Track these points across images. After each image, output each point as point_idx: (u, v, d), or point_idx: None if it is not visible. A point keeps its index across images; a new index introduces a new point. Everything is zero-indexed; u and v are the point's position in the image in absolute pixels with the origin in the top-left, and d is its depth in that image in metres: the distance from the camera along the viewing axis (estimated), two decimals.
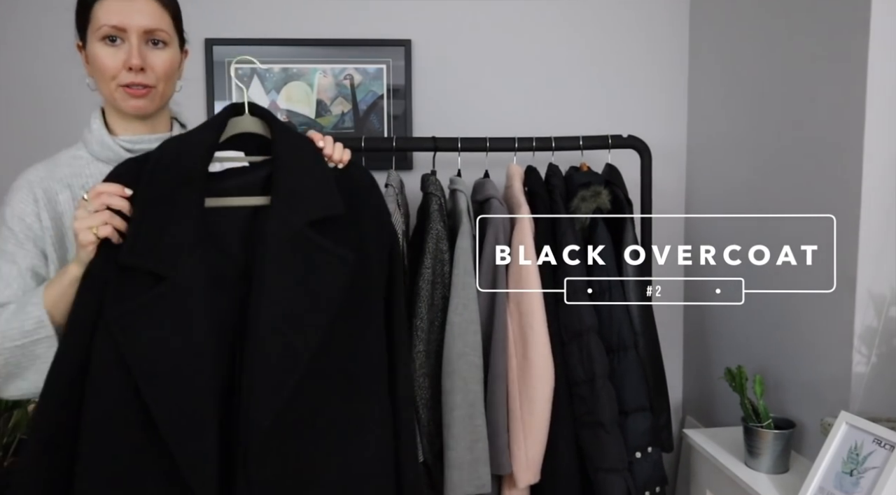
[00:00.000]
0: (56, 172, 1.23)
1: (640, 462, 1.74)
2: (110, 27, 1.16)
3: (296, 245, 1.07)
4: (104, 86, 1.20)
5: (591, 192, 1.79)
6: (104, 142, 1.23)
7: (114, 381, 1.01)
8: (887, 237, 1.49)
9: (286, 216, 1.08)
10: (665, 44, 2.29)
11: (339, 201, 1.12)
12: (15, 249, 1.18)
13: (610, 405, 1.70)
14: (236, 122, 1.17)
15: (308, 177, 1.13)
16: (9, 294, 1.17)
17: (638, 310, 1.81)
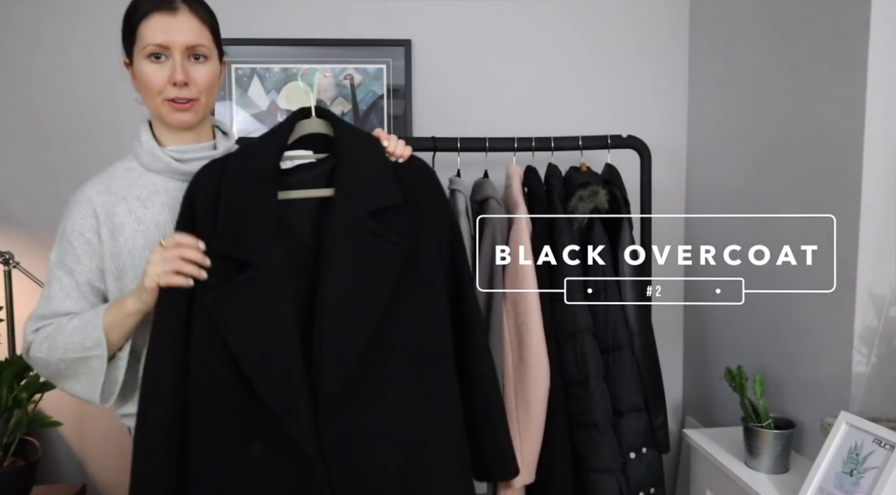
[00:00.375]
0: (112, 186, 1.29)
1: (635, 462, 1.74)
2: (155, 45, 1.23)
3: (356, 233, 1.20)
4: (151, 100, 1.27)
5: (589, 192, 1.79)
6: (154, 154, 1.29)
7: (214, 354, 1.15)
8: (887, 237, 1.49)
9: (348, 207, 1.21)
10: (665, 44, 2.29)
11: (396, 191, 1.24)
12: (73, 264, 1.26)
13: (603, 405, 1.71)
14: (304, 124, 1.30)
15: (368, 170, 1.25)
16: (69, 304, 1.26)
17: (634, 310, 1.80)
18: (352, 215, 1.20)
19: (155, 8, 1.23)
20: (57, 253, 1.28)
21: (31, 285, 2.04)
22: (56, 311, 1.26)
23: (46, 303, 1.27)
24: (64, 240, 1.27)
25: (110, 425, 2.22)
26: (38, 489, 1.98)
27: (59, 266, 1.27)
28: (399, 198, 1.24)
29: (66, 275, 1.26)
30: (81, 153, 2.16)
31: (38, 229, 2.17)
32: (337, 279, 1.17)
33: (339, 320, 1.16)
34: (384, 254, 1.20)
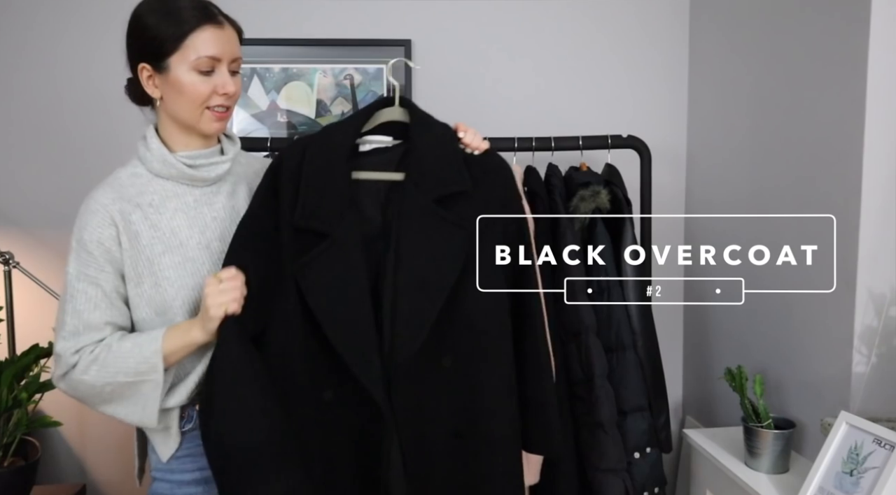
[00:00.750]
0: (123, 193, 1.28)
1: (639, 462, 1.74)
2: (209, 58, 1.24)
3: (424, 218, 1.29)
4: (190, 109, 1.27)
5: (591, 192, 1.79)
6: (167, 161, 1.29)
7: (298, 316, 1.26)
8: (887, 237, 1.49)
9: (416, 192, 1.30)
10: (665, 44, 2.29)
11: (465, 178, 1.32)
12: (97, 274, 1.25)
13: (608, 405, 1.70)
14: (384, 112, 1.39)
15: (438, 158, 1.33)
16: (99, 315, 1.24)
17: (637, 310, 1.80)
18: (420, 201, 1.29)
19: (206, 21, 1.24)
20: (76, 264, 1.25)
21: (31, 285, 2.04)
22: (89, 324, 1.23)
23: (75, 317, 1.23)
24: (83, 251, 1.25)
25: (110, 425, 2.22)
26: (38, 489, 1.98)
27: (82, 278, 1.24)
28: (467, 185, 1.32)
29: (92, 287, 1.24)
30: (82, 153, 2.17)
31: (38, 229, 2.17)
32: (408, 263, 1.27)
33: (411, 301, 1.26)
34: (451, 240, 1.29)
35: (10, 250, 2.03)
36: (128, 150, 1.36)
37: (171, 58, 1.24)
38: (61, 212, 2.17)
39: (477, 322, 1.32)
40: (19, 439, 1.92)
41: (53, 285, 2.05)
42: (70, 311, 1.24)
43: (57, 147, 2.17)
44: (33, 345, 1.93)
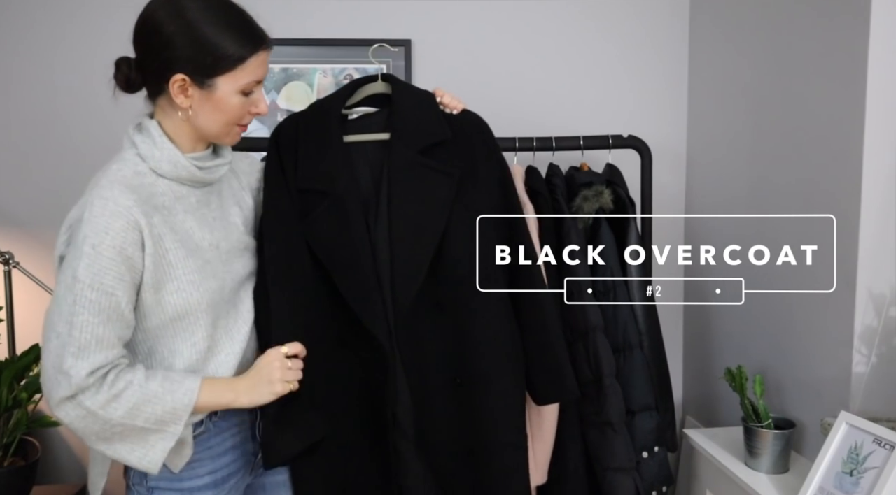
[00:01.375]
0: (139, 194, 1.19)
1: (647, 461, 1.74)
2: (256, 82, 1.24)
3: (411, 169, 1.41)
4: (222, 125, 1.25)
5: (594, 192, 1.79)
6: (178, 163, 1.23)
7: (309, 266, 1.39)
8: (887, 237, 1.49)
9: (401, 147, 1.42)
10: (665, 44, 2.29)
11: (445, 129, 1.45)
12: (114, 283, 1.14)
13: (617, 404, 1.70)
14: (369, 86, 1.53)
15: (419, 115, 1.47)
16: (111, 330, 1.14)
17: (642, 309, 1.81)
18: (405, 154, 1.41)
19: (264, 45, 1.24)
20: (88, 272, 1.12)
21: (31, 285, 2.04)
22: (101, 340, 1.12)
23: (85, 331, 1.12)
24: (100, 258, 1.13)
25: None
26: (38, 489, 1.98)
27: (96, 287, 1.12)
28: (448, 135, 1.44)
29: (105, 297, 1.13)
30: (81, 153, 2.16)
31: (38, 229, 2.17)
32: (400, 211, 1.39)
33: (406, 247, 1.39)
34: (437, 185, 1.40)
35: (10, 250, 2.03)
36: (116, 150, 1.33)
37: (222, 77, 1.20)
38: (61, 213, 2.16)
39: (472, 263, 1.41)
40: (19, 439, 1.92)
41: (53, 285, 2.04)
42: (79, 324, 1.11)
43: (57, 147, 2.17)
44: (33, 345, 1.93)
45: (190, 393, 1.17)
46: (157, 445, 1.17)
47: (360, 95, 1.53)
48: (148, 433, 1.16)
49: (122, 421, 1.13)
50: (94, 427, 1.13)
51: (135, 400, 1.14)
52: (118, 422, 1.13)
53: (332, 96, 1.53)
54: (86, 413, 1.11)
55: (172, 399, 1.16)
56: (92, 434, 1.15)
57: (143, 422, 1.15)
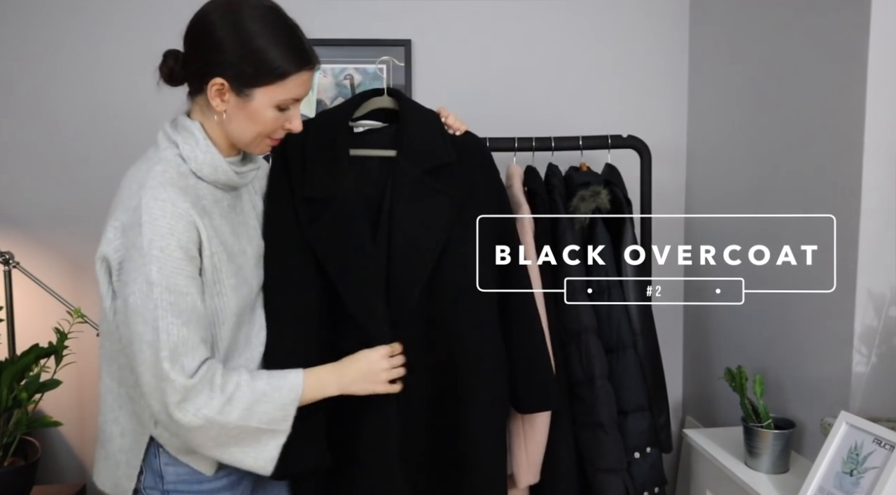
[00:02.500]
0: (188, 196, 1.19)
1: (639, 462, 1.74)
2: (294, 100, 1.24)
3: (415, 188, 1.44)
4: (253, 135, 1.24)
5: (591, 192, 1.79)
6: (218, 167, 1.24)
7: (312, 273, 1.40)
8: (887, 237, 1.49)
9: (407, 166, 1.45)
10: (665, 44, 2.29)
11: (450, 152, 1.48)
12: (188, 282, 1.15)
13: (609, 405, 1.70)
14: (375, 100, 1.56)
15: (426, 136, 1.49)
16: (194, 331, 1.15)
17: (637, 309, 1.80)
18: (411, 173, 1.44)
19: (310, 64, 1.23)
20: (160, 274, 1.12)
21: (31, 285, 2.04)
22: (187, 341, 1.13)
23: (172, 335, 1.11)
24: (169, 258, 1.13)
25: None
26: (38, 489, 1.98)
27: (171, 289, 1.12)
28: (453, 157, 1.47)
29: (181, 298, 1.14)
30: (82, 154, 2.17)
31: (38, 229, 2.17)
32: (401, 227, 1.42)
33: (403, 265, 1.41)
34: (439, 206, 1.43)
35: (10, 250, 2.03)
36: (128, 151, 1.35)
37: (262, 88, 1.20)
38: (61, 213, 2.18)
39: (466, 282, 1.45)
40: (19, 439, 1.92)
41: (53, 285, 2.05)
42: (165, 328, 1.11)
43: (57, 147, 2.17)
44: (33, 345, 1.93)
45: (296, 389, 1.22)
46: (269, 444, 1.20)
47: (366, 109, 1.56)
48: (261, 433, 1.19)
49: (238, 424, 1.15)
50: (211, 433, 1.15)
51: (247, 401, 1.16)
52: (234, 426, 1.15)
53: (339, 108, 1.56)
54: (203, 421, 1.13)
55: (280, 396, 1.20)
56: (209, 440, 1.16)
57: (257, 423, 1.17)
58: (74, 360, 1.98)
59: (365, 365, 1.31)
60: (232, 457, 1.19)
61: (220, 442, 1.17)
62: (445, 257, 1.43)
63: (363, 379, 1.31)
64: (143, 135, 2.12)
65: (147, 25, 2.13)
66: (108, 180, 2.07)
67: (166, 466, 1.25)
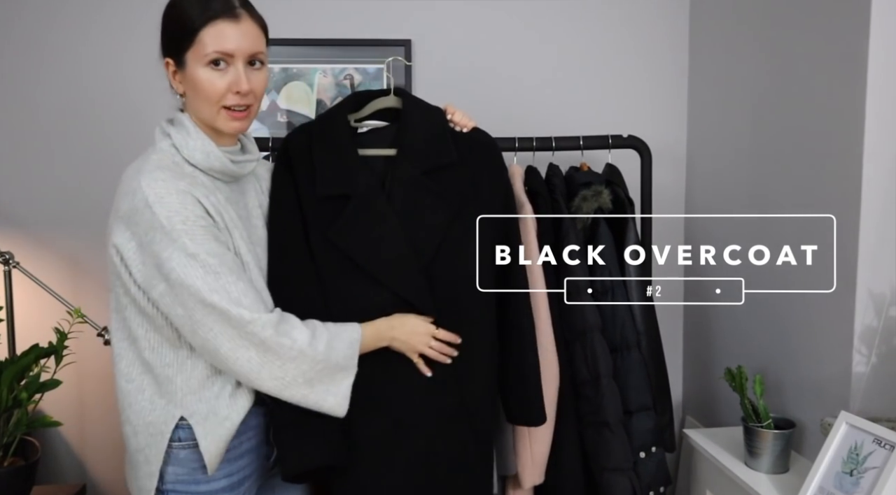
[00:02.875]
0: (185, 179, 1.21)
1: (645, 461, 1.74)
2: (220, 53, 1.20)
3: (411, 189, 1.41)
4: (206, 107, 1.23)
5: (593, 192, 1.79)
6: (210, 153, 1.25)
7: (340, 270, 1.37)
8: (887, 237, 1.49)
9: (406, 166, 1.42)
10: (665, 44, 2.29)
11: (452, 152, 1.45)
12: (218, 244, 1.19)
13: (614, 404, 1.70)
14: (380, 100, 1.53)
15: (427, 134, 1.46)
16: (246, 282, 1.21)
17: (640, 309, 1.80)
18: (409, 173, 1.41)
19: (219, 14, 1.20)
20: (194, 243, 1.15)
21: (31, 285, 2.04)
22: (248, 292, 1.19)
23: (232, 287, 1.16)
24: (195, 227, 1.16)
25: (110, 425, 2.22)
26: (38, 489, 1.98)
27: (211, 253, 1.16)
28: (454, 158, 1.44)
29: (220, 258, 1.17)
30: (82, 153, 2.17)
31: (38, 229, 2.17)
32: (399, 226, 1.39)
33: (400, 260, 1.38)
34: (434, 209, 1.41)
35: (10, 250, 2.03)
36: (127, 151, 1.35)
37: (188, 53, 1.21)
38: (61, 213, 2.18)
39: (465, 284, 1.43)
40: (19, 439, 1.92)
41: (53, 285, 2.05)
42: (223, 286, 1.15)
43: (57, 147, 2.17)
44: (33, 345, 1.93)
45: (357, 329, 1.29)
46: (343, 382, 1.27)
47: (371, 109, 1.54)
48: (338, 370, 1.25)
49: (322, 358, 1.22)
50: (303, 366, 1.21)
51: (326, 337, 1.24)
52: (321, 359, 1.22)
53: (339, 107, 1.53)
54: (298, 351, 1.20)
55: (347, 335, 1.28)
56: (300, 375, 1.22)
57: (335, 358, 1.23)
58: (74, 360, 1.97)
59: (413, 325, 1.35)
60: (317, 396, 1.25)
61: (308, 377, 1.23)
62: (441, 259, 1.41)
63: (409, 336, 1.34)
64: (144, 136, 2.13)
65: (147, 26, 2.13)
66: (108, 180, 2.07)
67: (165, 466, 1.25)
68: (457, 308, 1.42)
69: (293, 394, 1.23)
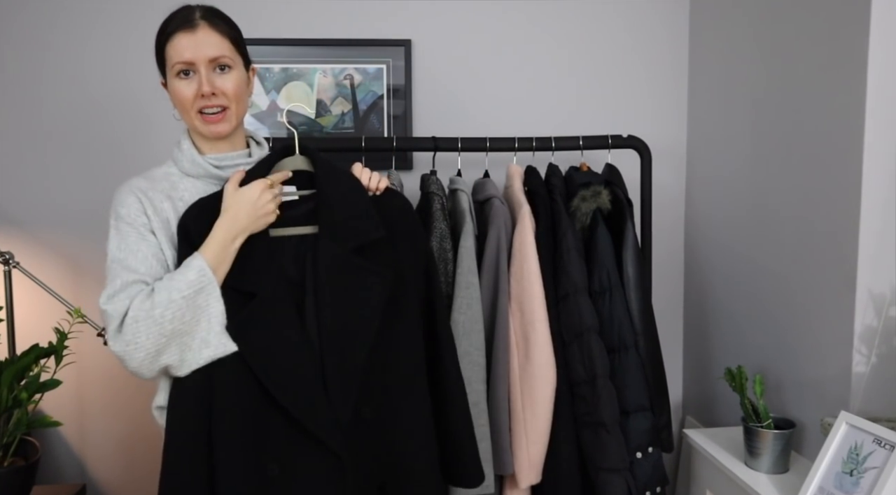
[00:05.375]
0: (156, 185, 1.34)
1: (641, 462, 1.74)
2: (181, 63, 1.30)
3: (342, 269, 1.29)
4: (186, 115, 1.34)
5: (592, 192, 1.79)
6: (195, 161, 1.36)
7: (236, 373, 1.23)
8: (887, 237, 1.49)
9: (331, 246, 1.29)
10: (665, 44, 2.29)
11: (379, 227, 1.32)
12: (138, 240, 1.28)
13: (611, 405, 1.70)
14: (286, 162, 1.37)
15: (349, 207, 1.33)
16: (144, 270, 1.25)
17: (638, 309, 1.80)
18: (336, 253, 1.29)
19: (177, 28, 1.30)
20: (117, 240, 1.28)
21: (31, 285, 2.04)
22: (135, 273, 1.23)
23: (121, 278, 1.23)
24: (122, 224, 1.28)
25: (110, 425, 2.23)
26: (38, 489, 1.98)
27: (123, 248, 1.26)
28: (382, 233, 1.32)
29: (131, 255, 1.26)
30: (82, 153, 2.17)
31: (38, 229, 2.17)
32: (331, 317, 1.27)
33: (339, 358, 1.26)
34: (371, 288, 1.29)
35: (10, 250, 2.03)
36: (128, 150, 1.38)
37: (165, 69, 1.33)
38: (61, 213, 2.18)
39: (399, 365, 1.33)
40: (19, 439, 1.92)
41: (53, 285, 2.05)
42: (112, 278, 1.24)
43: (57, 147, 2.17)
44: (33, 345, 1.92)
45: (195, 258, 1.23)
46: (211, 316, 1.23)
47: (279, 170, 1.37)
48: (194, 302, 1.21)
49: (165, 306, 1.19)
50: (152, 331, 1.19)
51: (161, 288, 1.21)
52: (165, 308, 1.19)
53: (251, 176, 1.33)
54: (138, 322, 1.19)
55: (186, 263, 1.23)
56: (151, 342, 1.20)
57: (185, 290, 1.20)
58: (74, 360, 1.97)
59: (248, 204, 1.26)
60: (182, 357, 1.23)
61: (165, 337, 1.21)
62: (379, 342, 1.29)
63: (253, 216, 1.27)
64: (144, 136, 2.13)
65: (148, 26, 2.13)
66: (109, 180, 2.08)
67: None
68: (394, 386, 1.32)
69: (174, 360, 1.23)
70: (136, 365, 1.21)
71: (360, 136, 1.96)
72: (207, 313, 1.22)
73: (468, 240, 1.72)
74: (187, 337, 1.22)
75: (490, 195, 1.80)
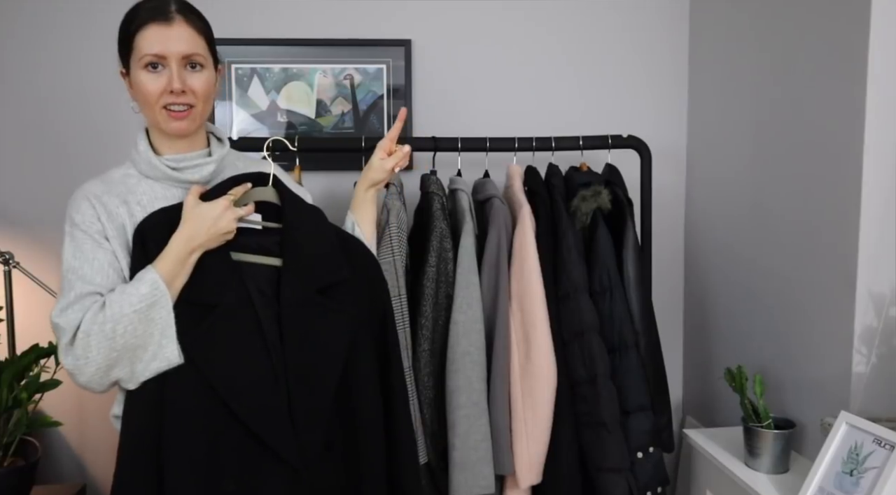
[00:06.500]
0: (112, 189, 1.30)
1: (642, 462, 1.74)
2: (152, 55, 1.24)
3: (308, 309, 1.27)
4: (148, 110, 1.28)
5: (592, 192, 1.79)
6: (151, 163, 1.31)
7: (190, 387, 1.20)
8: (887, 237, 1.49)
9: (296, 284, 1.27)
10: (665, 44, 2.29)
11: (344, 266, 1.32)
12: (93, 247, 1.25)
13: (611, 404, 1.70)
14: (255, 192, 1.33)
15: (316, 245, 1.31)
16: (99, 280, 1.23)
17: (639, 309, 1.81)
18: (302, 291, 1.27)
19: (150, 19, 1.24)
20: (72, 247, 1.26)
21: (31, 285, 2.04)
22: (91, 283, 1.22)
23: (74, 289, 1.21)
24: (77, 231, 1.26)
25: (110, 425, 2.22)
26: (38, 489, 1.98)
27: (78, 255, 1.24)
28: (346, 274, 1.31)
29: (87, 264, 1.24)
30: (82, 153, 2.17)
31: (38, 229, 2.17)
32: (295, 357, 1.25)
33: (304, 396, 1.24)
34: (335, 328, 1.28)
35: (10, 250, 2.03)
36: (128, 150, 1.36)
37: (130, 59, 1.27)
38: (61, 213, 2.17)
39: (357, 407, 1.32)
40: (19, 439, 1.92)
41: (53, 285, 2.05)
42: (66, 288, 1.22)
43: (57, 147, 2.17)
44: (33, 345, 1.93)
45: (147, 272, 1.20)
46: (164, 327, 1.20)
47: (248, 199, 1.32)
48: (146, 316, 1.18)
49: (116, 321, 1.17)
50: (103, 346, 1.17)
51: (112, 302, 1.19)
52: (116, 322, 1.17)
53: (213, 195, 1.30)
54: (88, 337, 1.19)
55: (139, 277, 1.20)
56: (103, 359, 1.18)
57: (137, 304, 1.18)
58: None
59: (209, 220, 1.23)
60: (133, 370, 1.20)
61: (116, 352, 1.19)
62: (342, 382, 1.29)
63: (213, 233, 1.23)
64: None
65: None
66: None
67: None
68: (351, 427, 1.31)
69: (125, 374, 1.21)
70: (86, 379, 1.20)
71: (360, 136, 1.96)
72: (160, 326, 1.19)
73: (468, 240, 1.72)
74: (139, 350, 1.19)
75: (490, 195, 1.80)
